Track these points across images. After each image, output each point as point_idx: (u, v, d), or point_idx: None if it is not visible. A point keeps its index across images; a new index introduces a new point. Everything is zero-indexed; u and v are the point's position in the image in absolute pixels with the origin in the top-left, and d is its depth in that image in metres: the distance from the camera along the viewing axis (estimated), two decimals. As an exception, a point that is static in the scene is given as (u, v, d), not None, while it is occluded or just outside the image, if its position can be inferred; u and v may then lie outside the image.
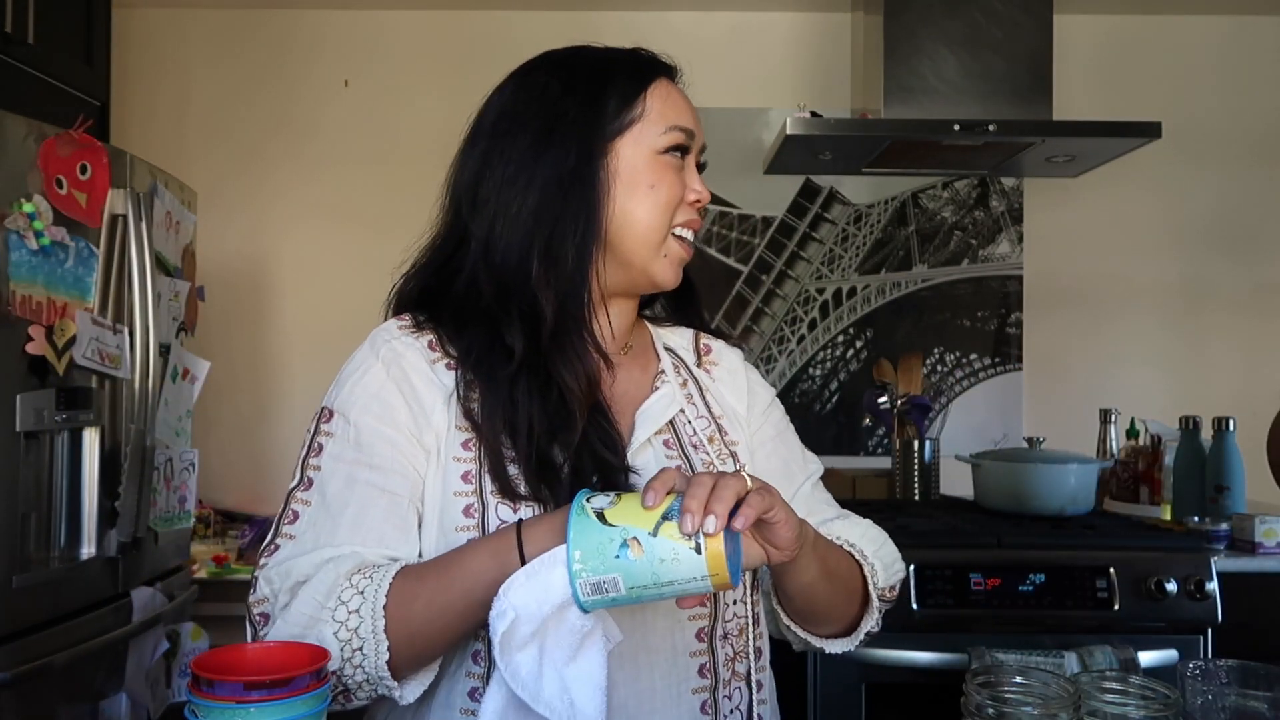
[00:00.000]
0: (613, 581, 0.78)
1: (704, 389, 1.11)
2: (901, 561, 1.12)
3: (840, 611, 1.06)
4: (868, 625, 1.08)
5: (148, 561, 2.22)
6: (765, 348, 3.17)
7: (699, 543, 0.78)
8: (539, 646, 0.80)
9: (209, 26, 3.17)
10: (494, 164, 1.00)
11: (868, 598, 1.06)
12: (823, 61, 3.15)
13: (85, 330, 1.95)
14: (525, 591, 0.79)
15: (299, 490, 0.95)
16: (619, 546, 0.78)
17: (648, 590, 0.79)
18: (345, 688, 0.87)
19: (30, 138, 1.84)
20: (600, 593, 0.78)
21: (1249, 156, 3.17)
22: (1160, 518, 2.29)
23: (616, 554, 0.78)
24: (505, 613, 0.79)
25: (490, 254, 0.99)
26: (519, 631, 0.79)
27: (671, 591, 0.79)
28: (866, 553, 1.07)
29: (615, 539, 0.78)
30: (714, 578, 0.78)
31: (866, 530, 1.11)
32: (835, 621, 1.07)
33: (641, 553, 0.78)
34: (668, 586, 0.78)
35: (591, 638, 0.81)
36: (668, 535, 0.78)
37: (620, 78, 1.01)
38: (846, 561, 1.05)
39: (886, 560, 1.09)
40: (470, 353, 0.98)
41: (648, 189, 1.00)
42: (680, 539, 0.78)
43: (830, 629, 1.08)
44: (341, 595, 0.86)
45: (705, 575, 0.78)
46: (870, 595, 1.06)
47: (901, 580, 1.12)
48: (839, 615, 1.06)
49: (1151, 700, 0.92)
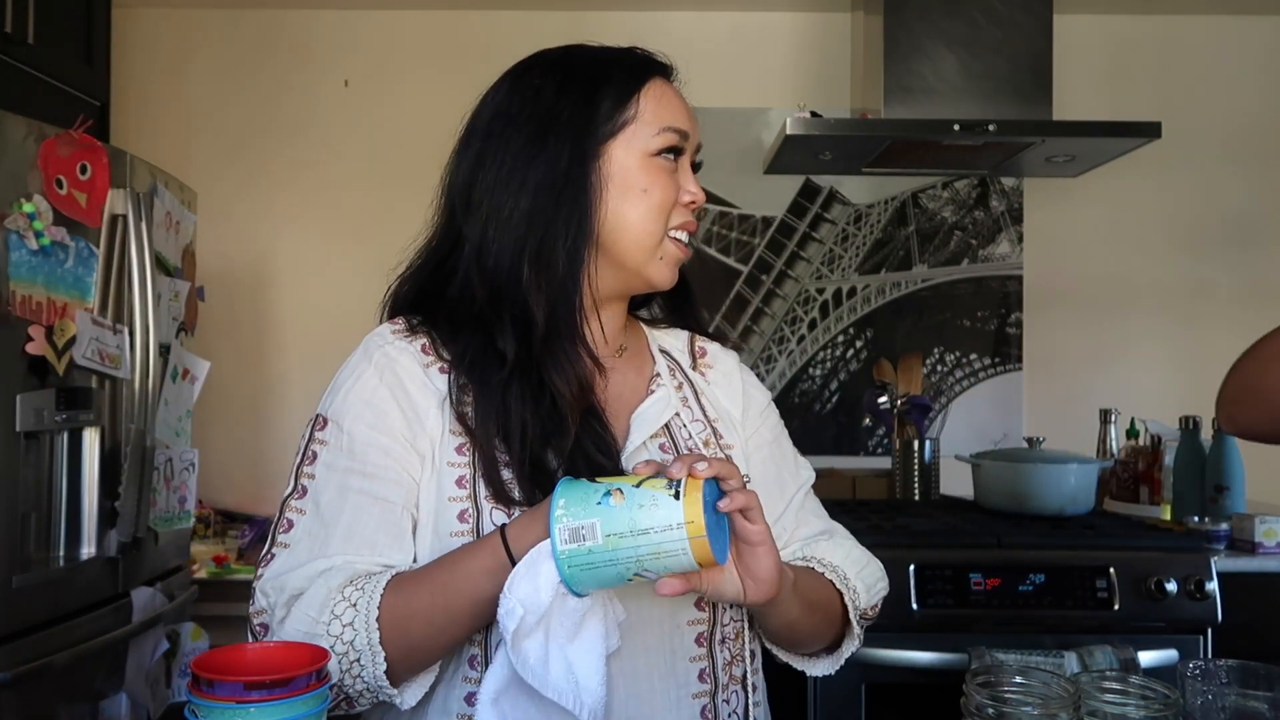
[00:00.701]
0: (590, 527, 0.80)
1: (699, 392, 1.10)
2: (885, 580, 1.12)
3: (821, 636, 1.07)
4: (849, 649, 1.09)
5: (148, 561, 2.22)
6: (765, 348, 3.17)
7: (679, 489, 0.80)
8: (545, 631, 0.81)
9: (209, 26, 3.17)
10: (487, 165, 1.00)
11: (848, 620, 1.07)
12: (823, 61, 3.15)
13: (85, 330, 1.95)
14: (526, 583, 0.81)
15: (293, 498, 0.95)
16: (602, 495, 0.81)
17: (624, 540, 0.80)
18: (347, 696, 0.88)
19: (30, 138, 1.84)
20: (578, 540, 0.80)
21: (1249, 156, 3.17)
22: (1160, 518, 2.29)
23: (599, 501, 0.80)
24: (514, 610, 0.80)
25: (483, 258, 0.99)
26: (526, 623, 0.80)
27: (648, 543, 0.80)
28: (849, 575, 1.07)
29: (600, 489, 0.81)
30: (690, 525, 0.79)
31: (850, 552, 1.11)
32: (816, 645, 1.08)
33: (622, 499, 0.80)
34: (644, 536, 0.79)
35: (591, 615, 0.82)
36: (650, 486, 0.81)
37: (614, 78, 1.00)
38: (827, 590, 1.05)
39: (869, 581, 1.09)
40: (464, 357, 0.97)
41: (640, 193, 0.99)
42: (662, 488, 0.80)
43: (811, 650, 1.09)
44: (335, 609, 0.87)
45: (681, 523, 0.79)
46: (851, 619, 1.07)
47: (884, 598, 1.12)
48: (820, 639, 1.07)
49: (1151, 700, 0.92)
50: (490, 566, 0.86)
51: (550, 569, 0.80)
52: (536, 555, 0.81)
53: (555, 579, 0.80)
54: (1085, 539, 2.03)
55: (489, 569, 0.86)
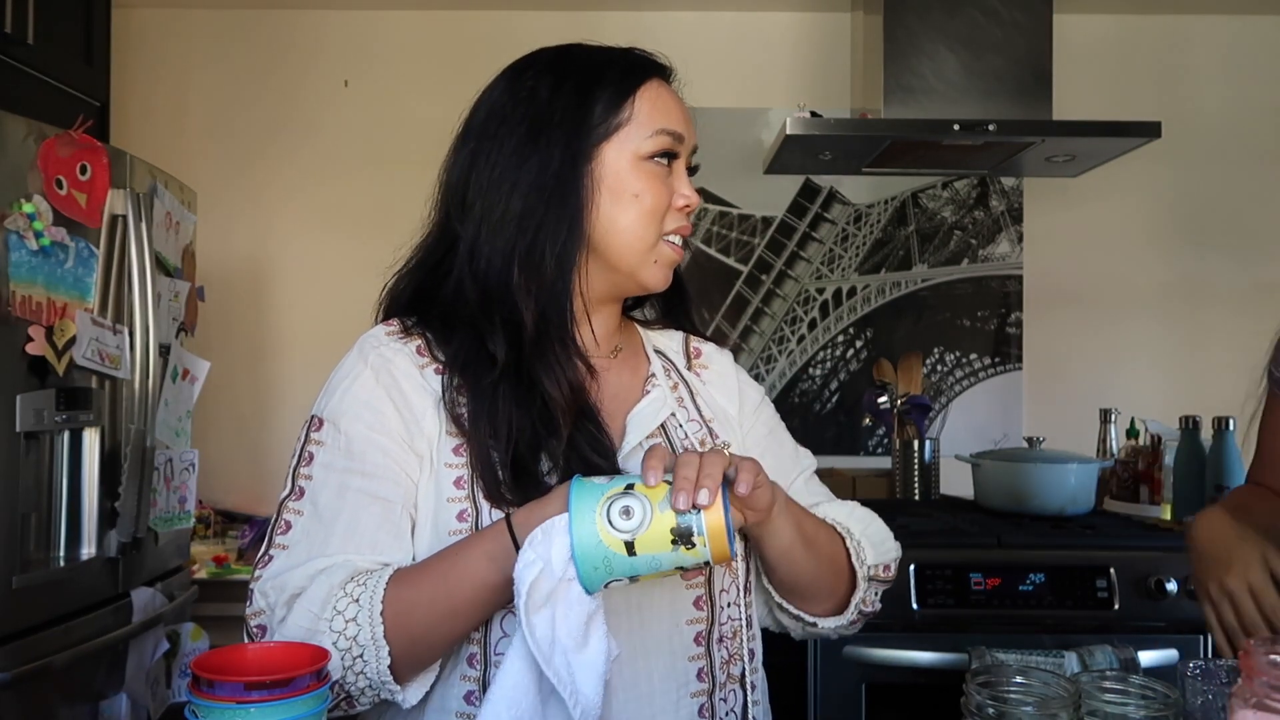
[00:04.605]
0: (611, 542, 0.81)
1: (695, 392, 1.11)
2: (894, 540, 1.11)
3: (827, 584, 1.05)
4: (857, 601, 1.07)
5: (148, 562, 2.22)
6: (765, 348, 3.17)
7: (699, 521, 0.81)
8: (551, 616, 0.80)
9: (209, 26, 3.17)
10: (480, 166, 0.99)
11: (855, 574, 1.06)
12: (823, 61, 3.15)
13: (85, 330, 1.95)
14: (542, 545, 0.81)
15: (291, 500, 0.95)
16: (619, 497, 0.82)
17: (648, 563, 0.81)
18: (348, 694, 0.88)
19: (30, 138, 1.84)
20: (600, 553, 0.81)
21: (1249, 156, 3.17)
22: (1160, 518, 2.29)
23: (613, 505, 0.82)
24: (533, 562, 0.80)
25: (475, 259, 0.98)
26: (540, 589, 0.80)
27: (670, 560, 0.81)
28: (853, 529, 1.07)
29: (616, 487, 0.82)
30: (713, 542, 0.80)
31: (853, 510, 1.12)
32: (824, 597, 1.06)
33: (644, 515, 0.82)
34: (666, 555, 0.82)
35: (595, 622, 0.82)
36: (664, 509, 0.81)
37: (610, 80, 1.00)
38: (827, 532, 1.05)
39: (875, 539, 1.08)
40: (457, 359, 0.97)
41: (632, 198, 0.98)
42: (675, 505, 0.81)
43: (820, 606, 1.07)
44: (337, 605, 0.87)
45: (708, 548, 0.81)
46: (856, 570, 1.06)
47: (897, 560, 1.11)
48: (826, 589, 1.05)
49: (1151, 700, 0.92)
50: (493, 551, 0.86)
51: (564, 542, 0.81)
52: (552, 526, 0.82)
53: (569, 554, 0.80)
54: (1085, 539, 2.03)
55: (491, 553, 0.86)
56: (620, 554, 0.80)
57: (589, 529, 0.80)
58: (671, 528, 0.80)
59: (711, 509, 0.80)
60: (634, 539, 0.80)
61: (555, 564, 0.80)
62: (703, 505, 0.80)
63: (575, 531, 0.80)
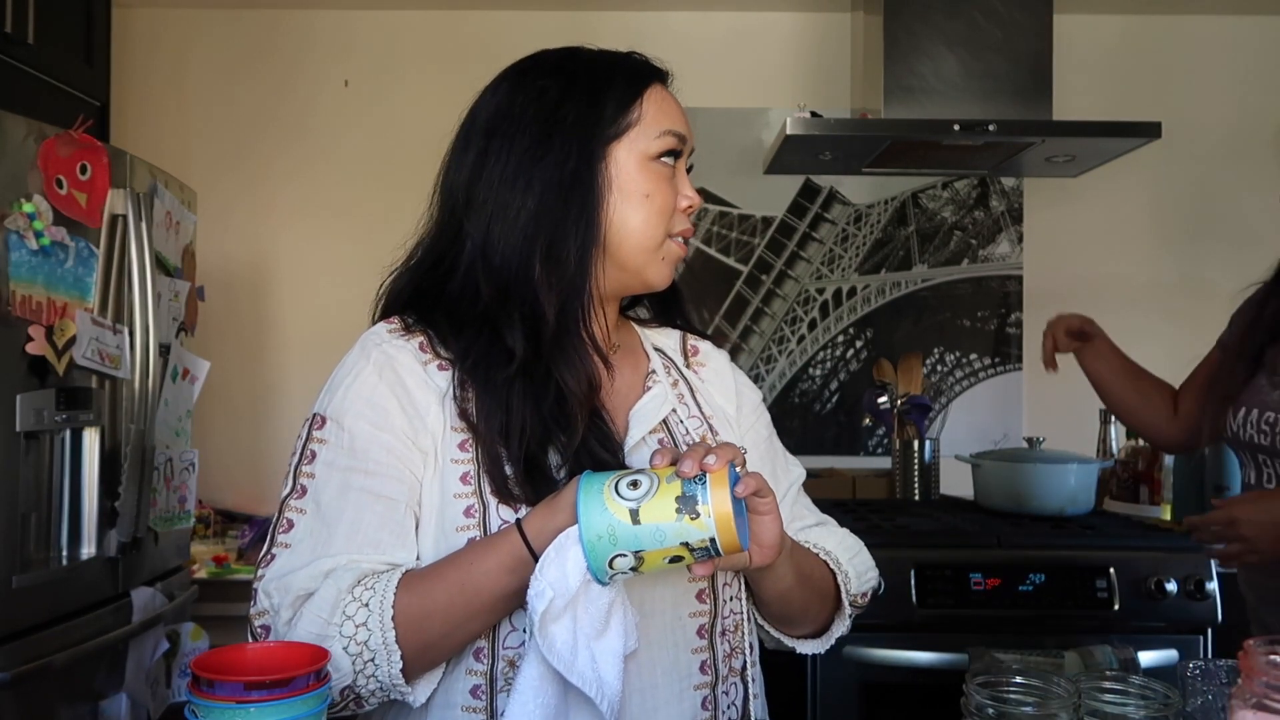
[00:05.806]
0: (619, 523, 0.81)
1: (694, 389, 1.11)
2: (874, 570, 1.15)
3: (814, 614, 1.09)
4: (839, 630, 1.11)
5: (148, 561, 2.22)
6: (765, 348, 3.17)
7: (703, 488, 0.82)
8: (572, 618, 0.82)
9: (209, 26, 3.16)
10: (490, 164, 1.00)
11: (840, 602, 1.09)
12: (823, 61, 3.15)
13: (85, 330, 1.95)
14: (555, 568, 0.82)
15: (293, 498, 0.95)
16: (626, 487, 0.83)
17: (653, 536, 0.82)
18: (357, 695, 0.89)
19: (30, 138, 1.84)
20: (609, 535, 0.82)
21: (1249, 156, 3.16)
22: (1160, 518, 2.29)
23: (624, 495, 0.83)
24: (543, 592, 0.81)
25: (489, 255, 0.98)
26: (555, 606, 0.81)
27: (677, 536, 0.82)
28: (841, 561, 1.10)
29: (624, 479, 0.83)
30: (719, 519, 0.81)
31: (843, 539, 1.14)
32: (808, 624, 1.10)
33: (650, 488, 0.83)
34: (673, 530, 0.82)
35: (615, 609, 0.84)
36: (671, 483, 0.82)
37: (617, 82, 1.01)
38: (821, 568, 1.08)
39: (860, 569, 1.12)
40: (466, 355, 0.97)
41: (643, 198, 1.00)
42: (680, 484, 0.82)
43: (803, 630, 1.11)
44: (346, 610, 0.87)
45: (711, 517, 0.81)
46: (842, 600, 1.09)
47: (873, 588, 1.15)
48: (813, 618, 1.09)
49: (1151, 700, 0.92)
50: (510, 563, 0.87)
51: (577, 553, 0.81)
52: (564, 540, 0.83)
53: (583, 565, 0.81)
54: (1085, 539, 2.03)
55: (509, 566, 0.87)
56: (625, 522, 0.80)
57: (595, 500, 0.81)
58: (676, 495, 0.81)
59: (716, 478, 0.81)
60: (639, 506, 0.81)
61: (571, 578, 0.81)
62: (709, 468, 0.81)
63: (582, 502, 0.81)
